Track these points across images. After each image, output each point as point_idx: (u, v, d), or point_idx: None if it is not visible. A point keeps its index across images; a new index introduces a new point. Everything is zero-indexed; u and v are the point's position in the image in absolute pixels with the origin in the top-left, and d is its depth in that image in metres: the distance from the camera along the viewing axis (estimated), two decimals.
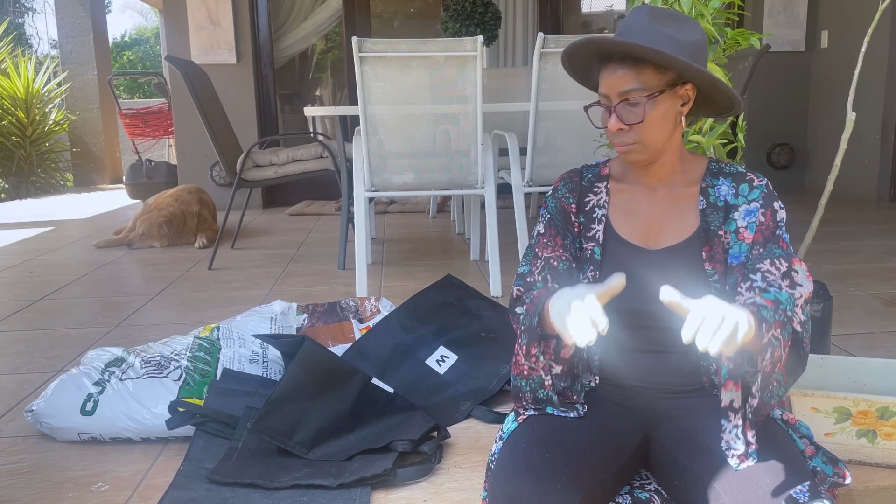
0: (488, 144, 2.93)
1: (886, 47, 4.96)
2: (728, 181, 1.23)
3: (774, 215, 1.21)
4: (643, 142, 1.18)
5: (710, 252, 1.20)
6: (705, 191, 1.23)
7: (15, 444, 1.71)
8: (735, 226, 1.20)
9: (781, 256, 1.17)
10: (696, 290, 1.18)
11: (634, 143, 1.18)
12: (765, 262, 1.17)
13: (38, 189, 7.68)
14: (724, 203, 1.22)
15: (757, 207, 1.21)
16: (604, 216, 1.27)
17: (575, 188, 1.31)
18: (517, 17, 6.33)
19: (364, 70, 2.73)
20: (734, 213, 1.21)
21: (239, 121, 5.40)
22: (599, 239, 1.26)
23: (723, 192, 1.23)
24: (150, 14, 22.39)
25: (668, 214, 1.24)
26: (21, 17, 15.49)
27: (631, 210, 1.26)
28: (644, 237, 1.24)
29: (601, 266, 1.25)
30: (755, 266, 1.17)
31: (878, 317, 2.53)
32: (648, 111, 1.15)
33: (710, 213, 1.22)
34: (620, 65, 1.15)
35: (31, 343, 2.46)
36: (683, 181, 1.25)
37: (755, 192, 1.22)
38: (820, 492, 1.00)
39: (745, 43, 1.80)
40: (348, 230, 3.54)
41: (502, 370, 1.91)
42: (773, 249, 1.18)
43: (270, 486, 1.45)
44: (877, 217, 4.60)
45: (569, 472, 1.07)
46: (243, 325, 1.97)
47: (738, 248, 1.20)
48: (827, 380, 1.62)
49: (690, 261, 1.21)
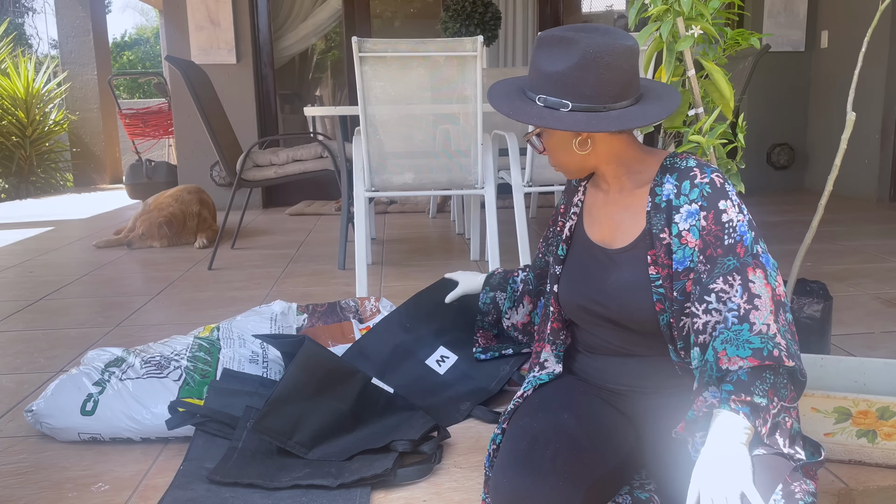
0: (488, 144, 2.93)
1: (886, 47, 4.96)
2: (673, 178, 1.17)
3: (718, 217, 1.12)
4: (559, 165, 1.26)
5: (655, 255, 1.17)
6: (653, 190, 1.19)
7: (15, 444, 1.71)
8: (677, 229, 1.14)
9: (734, 269, 1.09)
10: (643, 294, 1.18)
11: (555, 165, 1.26)
12: (717, 280, 1.09)
13: (38, 189, 7.68)
14: (666, 203, 1.17)
15: (697, 209, 1.13)
16: (575, 214, 1.33)
17: (566, 189, 1.40)
18: (517, 17, 6.34)
19: (364, 70, 2.73)
20: (675, 215, 1.15)
21: (239, 121, 5.40)
22: (565, 235, 1.33)
23: (666, 191, 1.17)
24: (150, 14, 22.39)
25: (621, 215, 1.25)
26: (21, 17, 15.49)
27: (594, 211, 1.30)
28: (604, 237, 1.27)
29: (564, 261, 1.32)
30: (708, 286, 1.09)
31: (878, 317, 2.53)
32: (546, 143, 1.24)
33: (654, 216, 1.18)
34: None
35: (31, 343, 2.46)
36: (632, 183, 1.23)
37: (695, 191, 1.14)
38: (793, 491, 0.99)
39: (745, 43, 1.80)
40: (348, 230, 3.54)
41: (502, 370, 1.91)
42: (724, 262, 1.09)
43: (270, 486, 1.45)
44: (877, 217, 4.60)
45: (569, 469, 1.07)
46: (243, 325, 1.97)
47: (681, 253, 1.14)
48: (827, 380, 1.62)
49: (637, 264, 1.20)
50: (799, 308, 1.92)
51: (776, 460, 1.02)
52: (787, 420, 1.08)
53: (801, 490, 0.99)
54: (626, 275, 1.20)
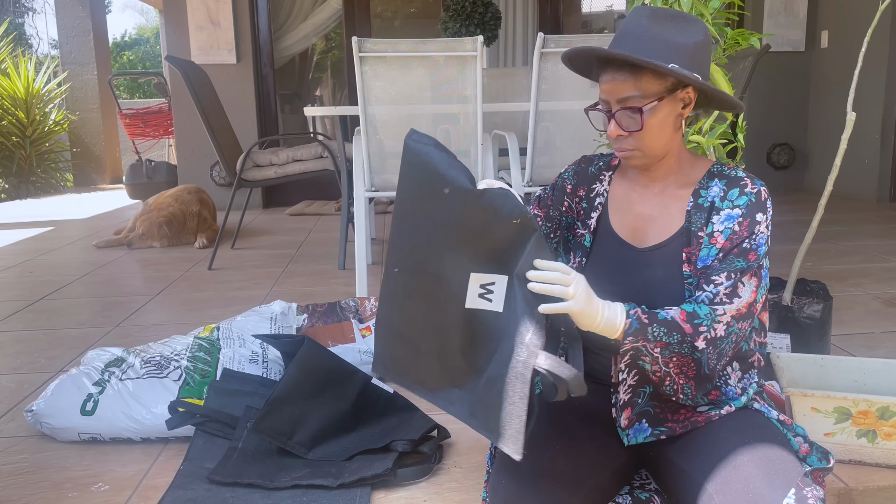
0: (488, 144, 2.93)
1: (886, 47, 4.96)
2: (721, 183, 1.20)
3: (752, 226, 1.15)
4: (642, 148, 1.17)
5: (690, 253, 1.18)
6: (697, 192, 1.21)
7: (15, 444, 1.71)
8: (712, 228, 1.17)
9: (739, 269, 1.13)
10: (674, 292, 1.17)
11: (633, 149, 1.17)
12: (721, 274, 1.13)
13: (38, 189, 7.68)
14: (710, 204, 1.19)
15: (738, 214, 1.16)
16: (601, 205, 1.28)
17: (580, 172, 1.33)
18: (517, 17, 6.33)
19: (364, 70, 2.73)
20: (715, 216, 1.17)
21: (239, 121, 5.39)
22: (592, 227, 1.28)
23: (712, 194, 1.20)
24: (150, 14, 22.40)
25: (656, 213, 1.22)
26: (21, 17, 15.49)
27: (623, 206, 1.26)
28: (632, 234, 1.24)
29: (589, 254, 1.27)
30: (710, 276, 1.14)
31: (878, 317, 2.53)
32: (647, 118, 1.14)
33: (695, 214, 1.19)
34: (619, 71, 1.13)
35: (31, 343, 2.46)
36: (678, 182, 1.23)
37: (742, 198, 1.17)
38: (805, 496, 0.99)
39: (745, 43, 1.80)
40: (348, 230, 3.54)
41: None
42: (734, 261, 1.13)
43: (270, 486, 1.45)
44: (877, 217, 4.60)
45: (568, 470, 1.07)
46: (243, 325, 1.97)
47: (706, 252, 1.16)
48: (827, 380, 1.62)
49: (670, 262, 1.19)
50: (799, 308, 1.92)
51: (790, 463, 1.03)
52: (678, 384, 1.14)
53: (813, 496, 0.99)
54: (660, 273, 1.19)
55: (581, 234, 1.29)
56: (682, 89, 1.15)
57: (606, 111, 1.17)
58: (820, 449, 1.12)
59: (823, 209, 1.88)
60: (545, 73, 2.82)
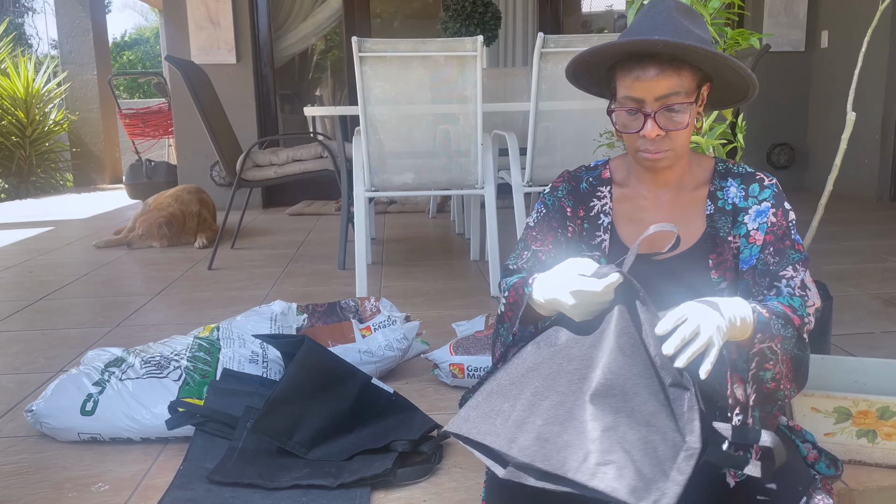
0: (488, 144, 2.93)
1: (886, 47, 4.96)
2: (737, 182, 1.17)
3: (786, 215, 1.15)
4: (675, 149, 1.10)
5: (718, 259, 1.15)
6: (713, 195, 1.18)
7: (15, 444, 1.71)
8: (745, 229, 1.15)
9: (799, 261, 1.13)
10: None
11: (668, 149, 1.10)
12: (787, 268, 1.12)
13: (38, 189, 7.68)
14: (732, 206, 1.16)
15: (768, 207, 1.15)
16: (609, 224, 1.21)
17: (572, 192, 1.25)
18: (517, 17, 6.33)
19: (364, 70, 2.73)
20: (744, 216, 1.15)
21: (239, 121, 5.39)
22: (605, 249, 1.20)
23: (731, 195, 1.17)
24: (150, 14, 22.38)
25: (673, 221, 1.18)
26: (21, 17, 15.49)
27: (636, 218, 1.20)
28: (649, 245, 1.16)
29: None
30: (778, 273, 1.11)
31: (878, 317, 2.53)
32: (690, 118, 1.08)
33: (719, 219, 1.16)
34: (658, 66, 1.05)
35: (31, 343, 2.46)
36: (690, 184, 1.20)
37: (766, 191, 1.16)
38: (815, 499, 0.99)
39: (745, 43, 1.80)
40: (348, 230, 3.54)
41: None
42: (790, 254, 1.13)
43: (270, 487, 1.45)
44: (877, 217, 4.60)
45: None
46: (243, 325, 1.97)
47: (748, 252, 1.14)
48: (827, 380, 1.62)
49: (697, 269, 1.16)
50: None
51: (799, 471, 1.03)
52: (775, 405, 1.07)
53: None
54: (687, 282, 1.15)
55: (594, 258, 1.20)
56: (704, 86, 1.13)
57: (638, 110, 1.08)
58: (829, 455, 1.12)
59: (823, 209, 1.88)
60: (545, 72, 2.82)
